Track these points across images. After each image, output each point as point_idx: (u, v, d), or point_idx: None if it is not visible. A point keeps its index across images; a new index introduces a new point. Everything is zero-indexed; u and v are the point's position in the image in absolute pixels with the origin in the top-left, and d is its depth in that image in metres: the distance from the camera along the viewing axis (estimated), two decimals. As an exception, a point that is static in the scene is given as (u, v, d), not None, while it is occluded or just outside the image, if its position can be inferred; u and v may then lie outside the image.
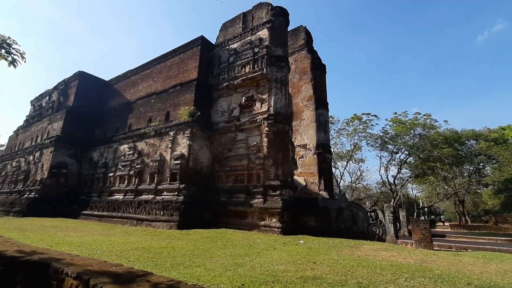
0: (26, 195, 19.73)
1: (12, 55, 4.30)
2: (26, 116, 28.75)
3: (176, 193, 13.84)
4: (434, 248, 8.92)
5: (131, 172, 16.85)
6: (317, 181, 19.21)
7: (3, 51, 4.21)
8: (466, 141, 30.80)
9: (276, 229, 11.52)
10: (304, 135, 20.15)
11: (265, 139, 13.78)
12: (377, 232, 10.85)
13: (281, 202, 11.91)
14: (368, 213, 11.59)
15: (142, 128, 18.09)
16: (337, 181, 33.87)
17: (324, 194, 18.10)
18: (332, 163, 21.91)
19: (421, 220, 9.86)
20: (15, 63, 4.37)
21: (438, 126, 29.52)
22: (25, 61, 4.43)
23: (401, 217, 14.53)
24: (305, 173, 19.57)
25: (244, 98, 15.61)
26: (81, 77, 23.46)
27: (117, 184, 17.54)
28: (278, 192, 12.49)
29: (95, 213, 16.66)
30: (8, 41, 4.14)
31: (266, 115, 14.10)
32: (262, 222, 12.20)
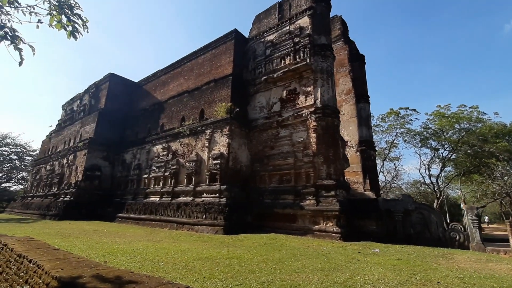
0: (61, 198, 19.69)
1: (73, 24, 3.42)
2: (58, 121, 29.27)
3: (217, 195, 12.92)
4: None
5: (166, 173, 16.20)
6: (361, 180, 17.71)
7: (64, 18, 3.34)
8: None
9: (334, 234, 10.25)
10: (344, 131, 18.66)
11: (313, 135, 12.56)
12: (457, 238, 9.30)
13: (338, 204, 10.63)
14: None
15: (175, 128, 17.44)
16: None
17: (371, 194, 16.58)
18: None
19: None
20: (76, 34, 3.50)
21: (487, 119, 26.89)
22: (87, 31, 3.55)
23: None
24: (348, 172, 18.06)
25: (285, 91, 14.48)
26: (112, 79, 23.36)
27: (152, 186, 16.96)
28: (332, 192, 11.21)
29: (132, 216, 16.13)
30: (70, 1, 3.27)
31: (312, 109, 12.88)
32: (316, 226, 10.97)
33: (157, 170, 17.05)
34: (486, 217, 41.80)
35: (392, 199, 13.19)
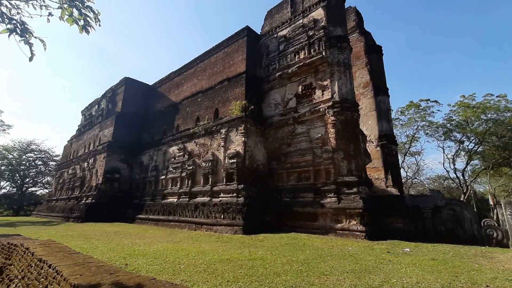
0: (83, 201, 20.20)
1: (84, 17, 3.27)
2: (78, 126, 30.17)
3: (234, 194, 12.73)
4: None
5: (183, 174, 16.20)
6: (382, 176, 16.99)
7: (75, 12, 3.20)
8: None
9: (358, 233, 9.78)
10: (363, 125, 17.93)
11: (332, 130, 12.10)
12: (494, 235, 8.61)
13: (361, 201, 10.14)
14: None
15: (190, 128, 17.43)
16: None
17: (394, 190, 15.88)
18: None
19: None
20: (88, 28, 3.34)
21: (517, 108, 25.20)
22: (99, 25, 3.40)
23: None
24: (368, 168, 17.32)
25: (300, 87, 14.08)
26: (127, 82, 23.75)
27: (170, 187, 17.03)
28: (354, 189, 10.73)
29: (151, 217, 16.25)
30: (81, -7, 3.12)
31: (330, 103, 12.41)
32: (339, 225, 10.53)
33: (173, 171, 17.11)
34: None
35: (420, 195, 12.50)
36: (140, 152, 21.27)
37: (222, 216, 12.27)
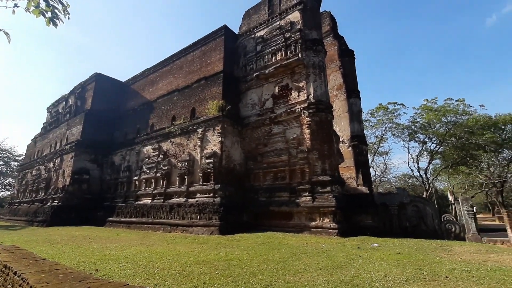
0: (49, 204, 18.96)
1: (52, 9, 3.10)
2: (43, 124, 28.20)
3: (211, 194, 12.64)
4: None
5: (158, 175, 15.77)
6: (354, 175, 17.73)
7: (42, 3, 3.01)
8: (503, 126, 28.60)
9: (331, 230, 10.16)
10: (337, 126, 18.60)
11: (307, 131, 12.43)
12: (453, 229, 9.37)
13: (334, 200, 10.55)
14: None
15: (166, 128, 16.98)
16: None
17: (364, 189, 16.63)
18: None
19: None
20: (56, 20, 3.17)
21: (473, 111, 27.49)
22: (68, 17, 3.23)
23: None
24: (341, 168, 18.04)
25: (277, 88, 14.29)
26: (98, 78, 22.58)
27: (143, 188, 16.49)
28: (328, 188, 11.12)
29: (123, 219, 15.63)
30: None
31: (305, 104, 12.74)
32: (313, 223, 10.86)
33: (148, 171, 16.59)
34: (475, 208, 42.93)
35: (387, 193, 13.24)
36: (111, 151, 20.36)
37: (198, 217, 12.14)
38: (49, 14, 3.11)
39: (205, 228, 11.40)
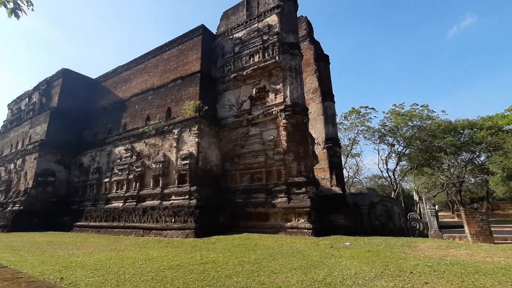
0: (9, 208, 17.53)
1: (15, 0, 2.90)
2: (3, 122, 25.98)
3: (187, 196, 12.42)
4: (495, 242, 8.11)
5: (130, 176, 15.19)
6: (328, 176, 18.33)
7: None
8: (461, 130, 31.06)
9: (305, 230, 10.41)
10: (312, 129, 19.12)
11: (283, 133, 12.64)
12: (417, 227, 9.99)
13: (309, 201, 10.82)
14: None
15: (139, 128, 16.40)
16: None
17: (337, 189, 17.23)
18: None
19: (478, 211, 9.08)
20: (18, 12, 2.97)
21: (436, 116, 29.60)
22: (32, 9, 3.04)
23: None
24: (315, 169, 18.56)
25: (255, 89, 14.38)
26: (66, 74, 21.28)
27: (115, 190, 15.79)
28: (303, 189, 11.39)
29: (92, 224, 14.86)
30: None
31: (282, 107, 12.95)
32: (288, 223, 11.06)
33: (119, 173, 15.92)
34: (437, 206, 46.06)
35: (358, 193, 13.82)
36: (80, 152, 19.30)
37: (173, 220, 11.86)
38: (11, 5, 2.91)
39: (180, 231, 11.17)
